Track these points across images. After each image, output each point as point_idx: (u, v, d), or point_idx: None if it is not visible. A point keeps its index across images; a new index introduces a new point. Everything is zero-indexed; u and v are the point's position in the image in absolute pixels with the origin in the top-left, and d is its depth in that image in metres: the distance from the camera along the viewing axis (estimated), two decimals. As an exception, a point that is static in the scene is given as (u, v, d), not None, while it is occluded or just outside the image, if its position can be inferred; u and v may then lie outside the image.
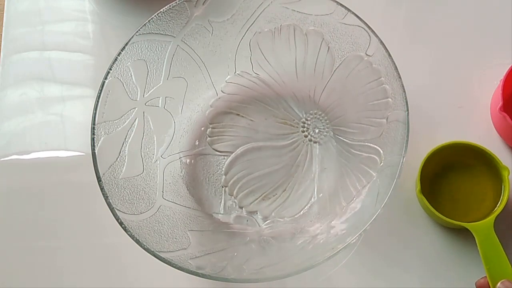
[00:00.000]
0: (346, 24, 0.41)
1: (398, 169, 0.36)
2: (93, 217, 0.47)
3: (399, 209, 0.46)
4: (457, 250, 0.44)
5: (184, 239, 0.39)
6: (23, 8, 0.56)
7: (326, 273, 0.44)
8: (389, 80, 0.39)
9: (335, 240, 0.37)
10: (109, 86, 0.40)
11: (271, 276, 0.35)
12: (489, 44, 0.51)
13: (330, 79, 0.45)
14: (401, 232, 0.45)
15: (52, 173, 0.49)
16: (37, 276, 0.46)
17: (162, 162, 0.44)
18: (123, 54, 0.40)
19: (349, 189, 0.42)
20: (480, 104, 0.49)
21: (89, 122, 0.39)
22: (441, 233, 0.45)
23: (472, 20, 0.52)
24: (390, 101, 0.40)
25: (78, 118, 0.51)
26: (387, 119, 0.40)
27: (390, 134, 0.40)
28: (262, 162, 0.46)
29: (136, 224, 0.37)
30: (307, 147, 0.46)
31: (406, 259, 0.45)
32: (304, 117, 0.47)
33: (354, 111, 0.44)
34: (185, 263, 0.36)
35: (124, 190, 0.39)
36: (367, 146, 0.42)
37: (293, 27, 0.44)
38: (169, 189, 0.44)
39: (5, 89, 0.52)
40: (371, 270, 0.44)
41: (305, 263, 0.35)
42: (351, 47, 0.42)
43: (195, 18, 0.43)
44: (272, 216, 0.44)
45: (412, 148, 0.39)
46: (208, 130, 0.47)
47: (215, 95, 0.47)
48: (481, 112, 0.48)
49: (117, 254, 0.46)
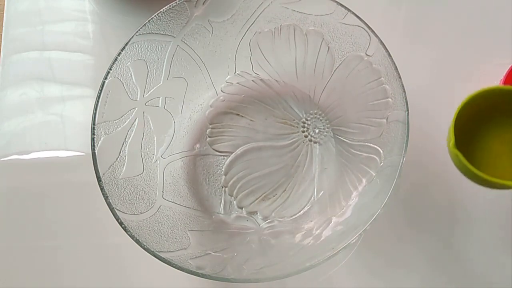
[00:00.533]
0: (346, 24, 0.41)
1: (398, 169, 0.36)
2: (93, 217, 0.47)
3: (399, 209, 0.46)
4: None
5: (184, 239, 0.39)
6: (23, 8, 0.56)
7: (326, 273, 0.44)
8: (389, 80, 0.39)
9: (335, 240, 0.37)
10: (109, 86, 0.40)
11: (271, 276, 0.35)
12: (489, 44, 0.51)
13: (330, 79, 0.45)
14: (401, 232, 0.45)
15: (52, 173, 0.49)
16: (37, 276, 0.46)
17: (162, 162, 0.44)
18: (123, 54, 0.40)
19: (349, 189, 0.42)
20: (480, 104, 0.49)
21: (89, 122, 0.39)
22: (440, 229, 0.45)
23: (472, 20, 0.52)
24: (390, 101, 0.40)
25: (78, 118, 0.51)
26: (387, 119, 0.40)
27: (390, 134, 0.40)
28: (262, 162, 0.46)
29: (136, 224, 0.37)
30: (307, 147, 0.46)
31: (406, 259, 0.45)
32: (304, 117, 0.47)
33: (354, 111, 0.44)
34: (185, 263, 0.36)
35: (124, 190, 0.39)
36: (367, 146, 0.42)
37: (293, 27, 0.44)
38: (169, 189, 0.44)
39: (5, 89, 0.52)
40: (371, 270, 0.44)
41: (305, 263, 0.35)
42: (351, 47, 0.42)
43: (195, 18, 0.43)
44: (272, 216, 0.44)
45: (412, 146, 0.39)
46: (208, 130, 0.47)
47: (215, 95, 0.47)
48: (481, 112, 0.48)
49: (117, 254, 0.46)
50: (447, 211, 0.45)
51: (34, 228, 0.47)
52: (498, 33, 0.51)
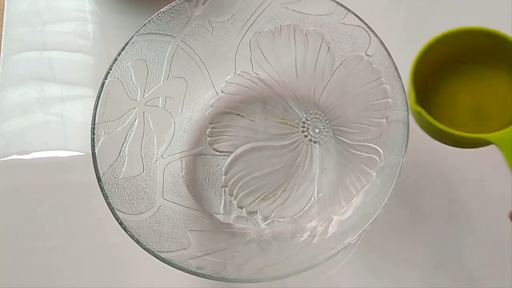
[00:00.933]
0: (346, 24, 0.41)
1: (398, 169, 0.36)
2: (93, 217, 0.47)
3: (399, 209, 0.46)
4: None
5: (184, 239, 0.39)
6: (23, 8, 0.56)
7: (326, 273, 0.44)
8: (389, 80, 0.39)
9: (335, 240, 0.37)
10: (109, 86, 0.40)
11: (271, 276, 0.35)
12: (489, 44, 0.51)
13: (330, 79, 0.45)
14: (401, 232, 0.45)
15: (52, 173, 0.49)
16: (37, 276, 0.46)
17: (162, 162, 0.44)
18: (123, 54, 0.40)
19: (349, 189, 0.42)
20: (480, 104, 0.48)
21: (89, 122, 0.39)
22: (440, 229, 0.45)
23: (472, 20, 0.52)
24: (390, 101, 0.40)
25: (78, 118, 0.51)
26: (387, 119, 0.40)
27: (390, 134, 0.40)
28: (262, 162, 0.46)
29: (136, 224, 0.37)
30: (307, 147, 0.46)
31: (406, 259, 0.45)
32: (304, 117, 0.47)
33: (354, 111, 0.44)
34: (185, 263, 0.36)
35: (124, 190, 0.39)
36: (367, 146, 0.42)
37: (293, 27, 0.44)
38: (169, 189, 0.44)
39: (5, 89, 0.52)
40: (371, 270, 0.44)
41: (305, 263, 0.35)
42: (351, 47, 0.42)
43: (195, 18, 0.43)
44: (272, 216, 0.44)
45: (412, 146, 0.39)
46: (208, 130, 0.47)
47: (215, 95, 0.47)
48: (481, 112, 0.48)
49: (117, 254, 0.46)
50: (447, 211, 0.45)
51: (34, 228, 0.47)
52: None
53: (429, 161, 0.47)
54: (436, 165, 0.47)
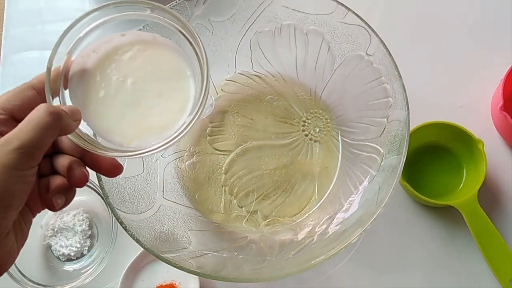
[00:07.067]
0: (346, 24, 0.41)
1: (398, 168, 0.36)
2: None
3: (399, 209, 0.46)
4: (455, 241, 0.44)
5: (185, 238, 0.39)
6: (23, 7, 0.56)
7: (326, 273, 0.44)
8: (389, 80, 0.39)
9: (335, 240, 0.37)
10: (109, 86, 0.40)
11: (271, 276, 0.35)
12: (489, 44, 0.51)
13: (330, 78, 0.45)
14: (401, 232, 0.45)
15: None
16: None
17: (162, 161, 0.44)
18: (123, 53, 0.40)
19: (350, 188, 0.42)
20: (481, 104, 0.49)
21: (89, 122, 0.39)
22: (440, 228, 0.45)
23: (472, 20, 0.52)
24: (390, 101, 0.40)
25: (78, 118, 0.51)
26: (387, 118, 0.40)
27: (390, 133, 0.40)
28: (262, 161, 0.45)
29: (136, 223, 0.37)
30: (308, 146, 0.46)
31: (406, 259, 0.45)
32: (304, 116, 0.47)
33: (354, 110, 0.44)
34: (186, 263, 0.36)
35: (124, 189, 0.39)
36: (368, 145, 0.42)
37: (294, 26, 0.44)
38: (169, 188, 0.44)
39: (5, 89, 0.52)
40: (371, 270, 0.44)
41: (305, 263, 0.35)
42: (352, 47, 0.42)
43: (196, 18, 0.43)
44: (272, 216, 0.44)
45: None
46: (208, 129, 0.47)
47: (215, 94, 0.47)
48: (481, 112, 0.48)
49: (117, 253, 0.46)
50: (447, 211, 0.45)
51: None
52: (498, 33, 0.51)
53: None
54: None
